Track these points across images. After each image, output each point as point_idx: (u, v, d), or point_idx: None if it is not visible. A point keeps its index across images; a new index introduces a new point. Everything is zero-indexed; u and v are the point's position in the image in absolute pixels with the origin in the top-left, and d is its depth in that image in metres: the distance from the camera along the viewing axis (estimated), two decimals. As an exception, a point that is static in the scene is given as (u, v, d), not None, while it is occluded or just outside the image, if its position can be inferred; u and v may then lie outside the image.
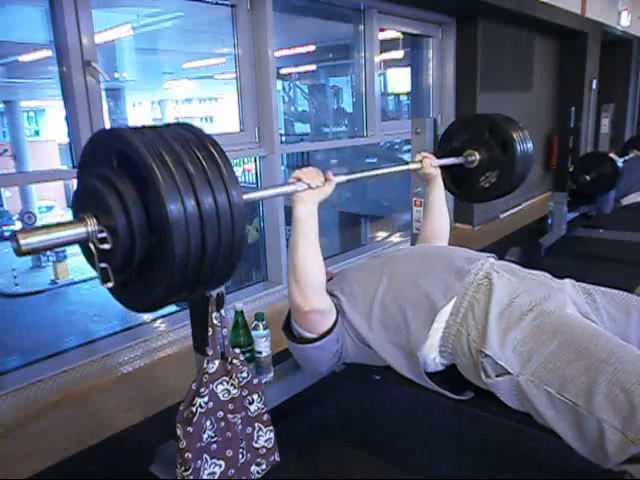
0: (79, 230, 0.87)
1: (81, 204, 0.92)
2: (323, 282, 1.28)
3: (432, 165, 1.73)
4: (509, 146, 1.92)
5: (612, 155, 3.48)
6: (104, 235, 0.87)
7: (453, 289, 1.24)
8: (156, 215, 0.84)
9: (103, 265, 0.89)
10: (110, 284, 0.92)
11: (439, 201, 1.75)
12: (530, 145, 1.98)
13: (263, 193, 1.28)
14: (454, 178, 2.05)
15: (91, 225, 0.87)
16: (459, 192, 2.12)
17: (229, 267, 0.94)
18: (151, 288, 0.92)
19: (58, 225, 0.86)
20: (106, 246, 0.87)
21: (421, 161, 1.72)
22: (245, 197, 1.04)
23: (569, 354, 1.02)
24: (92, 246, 0.88)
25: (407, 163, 1.80)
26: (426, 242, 1.71)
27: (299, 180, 1.25)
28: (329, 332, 1.29)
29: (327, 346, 1.31)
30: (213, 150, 0.91)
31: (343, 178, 1.42)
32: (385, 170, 1.73)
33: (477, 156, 1.97)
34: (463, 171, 2.00)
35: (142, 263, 0.90)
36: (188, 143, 0.89)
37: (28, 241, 0.81)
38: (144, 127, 0.91)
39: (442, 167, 1.82)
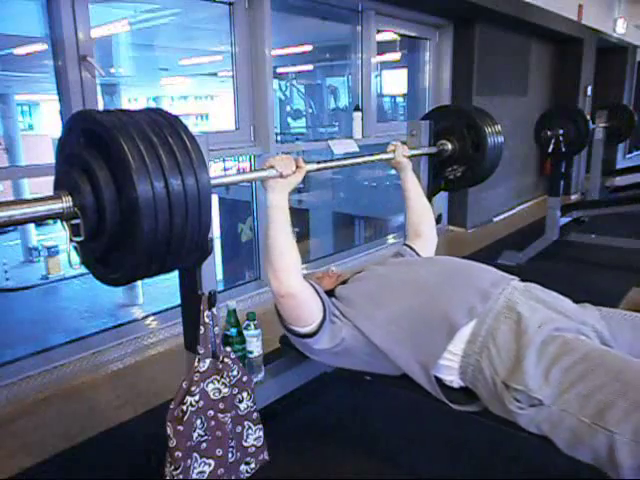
0: (54, 206, 0.91)
1: (59, 182, 0.96)
2: (296, 265, 1.26)
3: (403, 155, 1.77)
4: (481, 149, 1.95)
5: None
6: (77, 221, 0.91)
7: (475, 311, 1.19)
8: (126, 195, 0.87)
9: (74, 243, 0.94)
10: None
11: (412, 187, 1.78)
12: (501, 146, 2.01)
13: (232, 178, 1.31)
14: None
15: (66, 202, 0.91)
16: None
17: (196, 246, 0.99)
18: (122, 263, 0.96)
19: (35, 200, 0.89)
20: (79, 239, 0.92)
21: (393, 151, 1.77)
22: (213, 181, 1.07)
23: (601, 378, 1.00)
24: (65, 225, 0.92)
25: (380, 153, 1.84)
26: (413, 229, 1.72)
27: (272, 167, 1.27)
28: (313, 334, 1.26)
29: (313, 345, 1.28)
30: (184, 135, 0.94)
31: (314, 166, 1.44)
32: (357, 160, 1.77)
33: (449, 148, 2.00)
34: (435, 157, 2.03)
35: (113, 240, 0.93)
36: (160, 128, 0.92)
37: (4, 214, 0.85)
38: (119, 111, 0.94)
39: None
